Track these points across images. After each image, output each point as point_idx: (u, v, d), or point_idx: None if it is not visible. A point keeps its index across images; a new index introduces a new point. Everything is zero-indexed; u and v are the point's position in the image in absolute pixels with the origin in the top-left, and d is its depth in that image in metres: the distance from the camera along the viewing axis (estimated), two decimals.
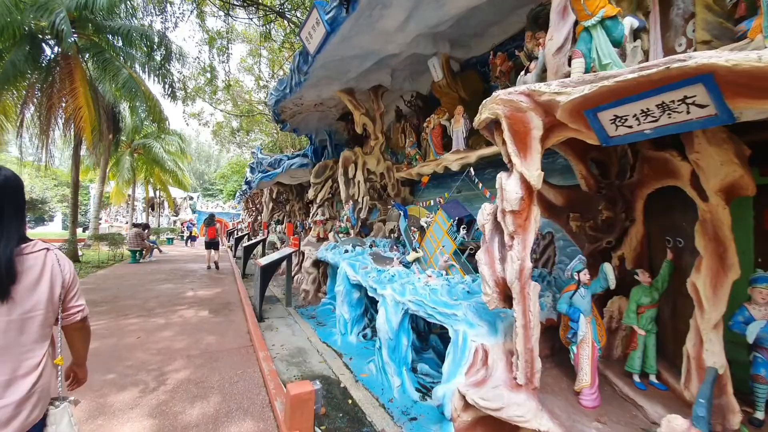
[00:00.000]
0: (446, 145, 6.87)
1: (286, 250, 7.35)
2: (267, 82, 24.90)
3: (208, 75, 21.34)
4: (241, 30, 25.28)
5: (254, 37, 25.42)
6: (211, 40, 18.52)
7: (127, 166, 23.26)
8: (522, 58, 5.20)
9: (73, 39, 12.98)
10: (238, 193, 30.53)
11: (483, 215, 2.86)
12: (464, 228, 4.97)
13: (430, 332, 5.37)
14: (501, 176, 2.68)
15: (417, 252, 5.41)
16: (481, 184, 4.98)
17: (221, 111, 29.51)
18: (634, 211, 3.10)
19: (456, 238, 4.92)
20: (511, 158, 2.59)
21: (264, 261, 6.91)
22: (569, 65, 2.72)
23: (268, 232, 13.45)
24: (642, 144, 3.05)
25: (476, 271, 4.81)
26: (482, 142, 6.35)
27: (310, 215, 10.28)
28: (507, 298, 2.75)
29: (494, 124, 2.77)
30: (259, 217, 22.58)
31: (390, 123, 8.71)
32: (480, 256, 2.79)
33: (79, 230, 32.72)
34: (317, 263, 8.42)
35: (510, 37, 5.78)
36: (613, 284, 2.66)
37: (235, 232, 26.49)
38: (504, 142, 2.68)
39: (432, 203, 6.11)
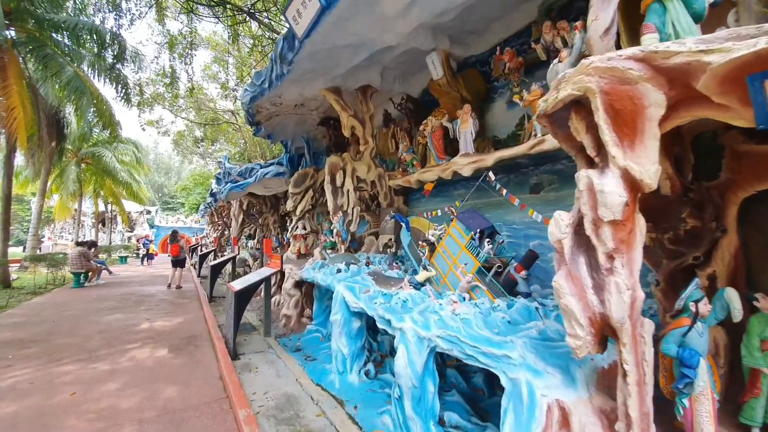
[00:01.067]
0: (447, 148, 6.25)
1: (264, 271, 6.29)
2: (234, 88, 23.57)
3: (168, 80, 19.76)
4: (206, 36, 23.91)
5: (219, 44, 24.10)
6: (171, 43, 17.11)
7: (72, 177, 20.78)
8: (539, 50, 4.68)
9: (8, 32, 11.27)
10: (202, 206, 28.47)
11: (558, 227, 2.14)
12: (488, 242, 4.28)
13: (445, 365, 4.55)
14: (587, 174, 1.98)
15: (428, 270, 4.63)
16: (505, 191, 4.33)
17: (183, 119, 27.58)
18: (726, 218, 2.52)
19: (479, 254, 4.21)
20: (606, 149, 1.90)
21: (238, 285, 5.82)
22: (617, 48, 2.27)
23: (239, 249, 12.13)
24: (733, 136, 2.50)
25: (509, 293, 4.12)
26: (489, 145, 5.77)
27: (289, 229, 9.23)
28: (602, 340, 2.03)
29: (572, 106, 2.09)
30: (226, 232, 20.88)
31: (377, 128, 7.96)
32: (560, 283, 2.06)
33: (20, 250, 28.81)
34: (300, 284, 7.39)
35: (514, 34, 5.35)
36: (739, 315, 2.02)
37: (199, 248, 24.40)
38: (590, 129, 2.00)
39: (438, 213, 5.38)
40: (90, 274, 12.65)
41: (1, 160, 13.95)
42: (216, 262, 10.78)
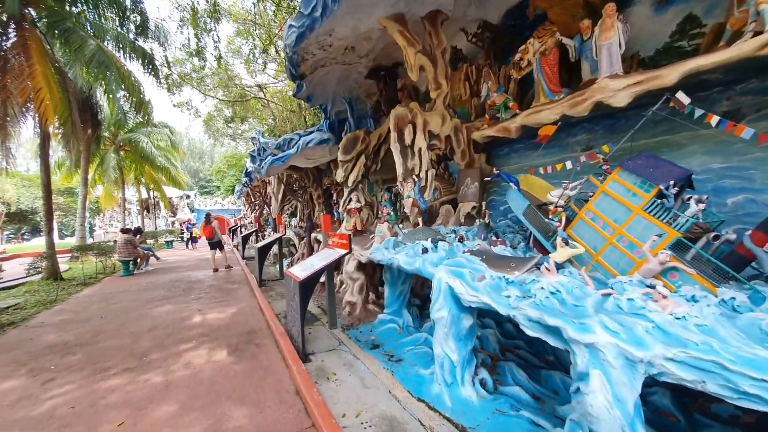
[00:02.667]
0: (562, 79, 4.62)
1: (328, 254, 5.15)
2: (260, 59, 22.28)
3: (195, 60, 18.80)
4: (227, 6, 22.57)
5: (241, 14, 22.69)
6: (193, 16, 15.95)
7: (113, 164, 20.82)
8: None
9: (27, 11, 10.51)
10: (237, 188, 28.26)
11: None
12: (696, 199, 2.77)
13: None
14: None
15: (569, 246, 3.21)
16: (717, 118, 2.76)
17: (211, 97, 26.88)
18: None
19: (673, 218, 2.73)
20: None
21: (301, 272, 4.72)
22: None
23: (285, 228, 11.25)
24: None
25: (736, 276, 2.65)
26: (633, 65, 4.12)
27: (341, 202, 8.04)
28: None
29: None
30: (264, 211, 20.36)
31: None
32: None
33: (72, 240, 30.46)
34: (362, 266, 6.25)
35: None
36: None
37: (239, 229, 24.31)
38: None
39: (569, 166, 3.86)
40: (138, 261, 12.39)
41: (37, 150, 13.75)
42: (262, 243, 9.94)
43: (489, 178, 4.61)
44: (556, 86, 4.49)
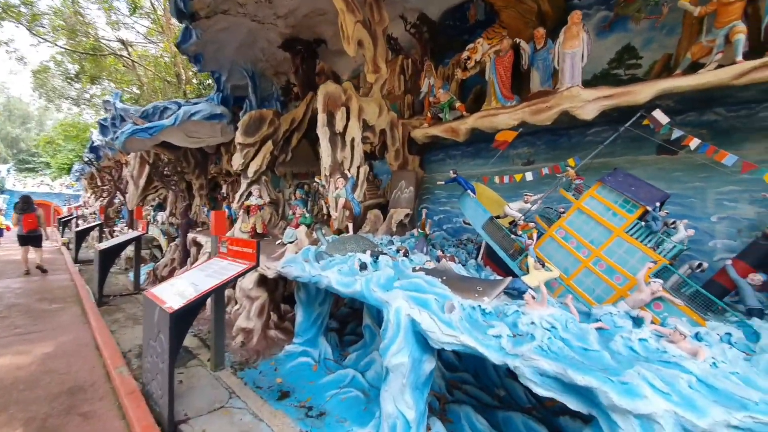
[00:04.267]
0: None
1: (220, 267, 3.65)
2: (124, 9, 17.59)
3: None
4: None
5: None
6: None
7: None
8: None
9: None
10: (76, 166, 21.67)
11: None
12: (674, 224, 2.57)
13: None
14: None
15: (544, 269, 2.75)
16: (696, 140, 2.65)
17: (48, 43, 19.93)
18: None
19: (659, 243, 2.49)
20: None
21: (176, 297, 3.12)
22: None
23: (147, 224, 8.51)
24: None
25: (727, 309, 2.46)
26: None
27: (238, 196, 6.35)
28: None
29: None
30: (116, 200, 15.80)
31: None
32: None
33: None
34: (265, 280, 4.84)
35: None
36: None
37: (74, 221, 18.31)
38: None
39: (530, 177, 3.48)
40: None
41: None
42: (108, 244, 7.17)
43: (442, 182, 3.97)
44: (509, 91, 4.18)
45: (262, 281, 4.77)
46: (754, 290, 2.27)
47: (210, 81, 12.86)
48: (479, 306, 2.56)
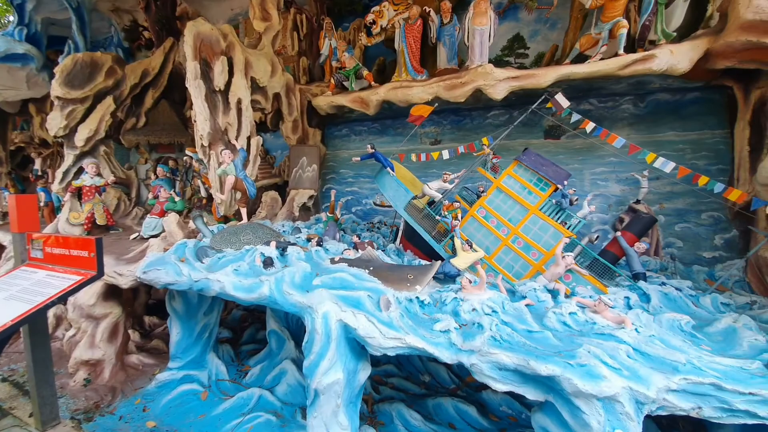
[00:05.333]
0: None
1: (32, 281, 2.37)
2: None
3: None
4: None
5: None
6: None
7: None
8: None
9: None
10: None
11: None
12: (587, 200, 2.73)
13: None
14: None
15: (471, 249, 2.66)
16: (592, 124, 2.89)
17: None
18: None
19: (564, 220, 2.64)
20: None
21: None
22: None
23: None
24: None
25: (613, 275, 2.76)
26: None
27: (60, 175, 4.47)
28: None
29: None
30: None
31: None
32: None
33: None
34: (117, 291, 3.53)
35: None
36: None
37: None
38: None
39: (449, 156, 3.34)
40: None
41: None
42: None
43: (359, 159, 3.47)
44: (418, 64, 3.95)
45: (112, 293, 3.45)
46: (638, 257, 2.67)
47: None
48: (417, 298, 2.29)
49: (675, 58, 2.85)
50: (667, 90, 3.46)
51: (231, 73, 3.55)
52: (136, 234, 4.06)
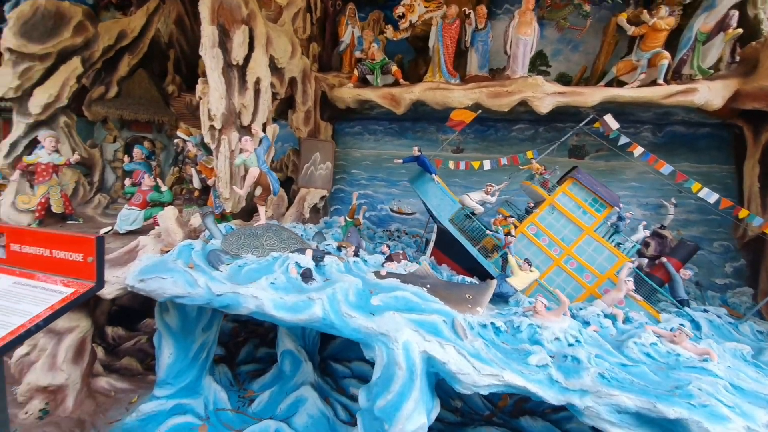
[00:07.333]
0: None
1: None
2: None
3: None
4: None
5: None
6: None
7: None
8: None
9: None
10: None
11: None
12: (644, 226, 2.69)
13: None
14: None
15: (527, 267, 2.50)
16: (640, 148, 2.91)
17: None
18: None
19: (620, 243, 2.60)
20: None
21: None
22: None
23: None
24: None
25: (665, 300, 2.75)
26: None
27: (6, 147, 3.54)
28: None
29: None
30: None
31: None
32: None
33: None
34: (86, 301, 2.84)
35: None
36: None
37: None
38: None
39: (462, 167, 3.18)
40: None
41: None
42: None
43: (401, 161, 3.14)
44: (452, 67, 3.77)
45: (81, 304, 2.76)
46: (681, 284, 2.71)
47: None
48: (492, 324, 2.07)
49: (711, 94, 2.99)
50: (685, 123, 3.65)
51: (252, 46, 3.06)
52: (108, 228, 3.33)
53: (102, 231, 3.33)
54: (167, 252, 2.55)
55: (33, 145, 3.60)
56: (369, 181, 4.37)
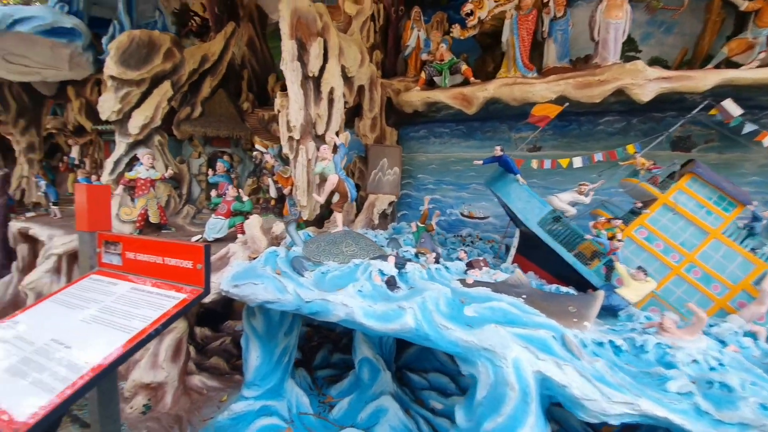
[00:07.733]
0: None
1: (97, 292, 1.89)
2: None
3: None
4: None
5: None
6: None
7: None
8: None
9: None
10: None
11: None
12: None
13: None
14: None
15: (641, 278, 2.18)
16: None
17: None
18: None
19: (755, 248, 2.18)
20: None
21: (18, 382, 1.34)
22: None
23: None
24: None
25: None
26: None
27: (111, 165, 4.02)
28: None
29: None
30: None
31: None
32: None
33: None
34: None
35: None
36: None
37: None
38: None
39: (548, 165, 2.89)
40: None
41: None
42: None
43: (481, 162, 3.01)
44: (529, 60, 3.52)
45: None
46: None
47: None
48: (611, 342, 1.81)
49: None
50: None
51: (326, 57, 3.12)
52: (198, 236, 3.59)
53: (193, 239, 3.61)
54: (255, 258, 2.65)
55: (132, 162, 4.05)
56: (436, 185, 4.24)
